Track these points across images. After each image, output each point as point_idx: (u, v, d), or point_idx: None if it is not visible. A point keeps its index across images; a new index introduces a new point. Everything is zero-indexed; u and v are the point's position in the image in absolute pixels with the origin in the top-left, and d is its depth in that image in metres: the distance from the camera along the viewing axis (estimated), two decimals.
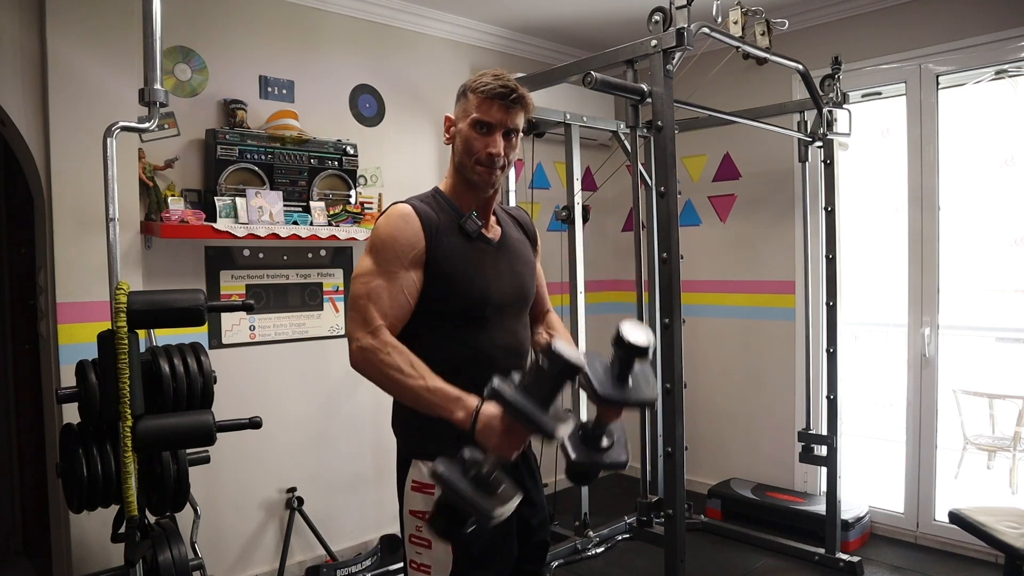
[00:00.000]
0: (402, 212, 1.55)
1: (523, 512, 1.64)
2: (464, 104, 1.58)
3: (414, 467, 1.57)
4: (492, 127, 1.54)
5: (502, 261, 1.64)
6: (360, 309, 1.48)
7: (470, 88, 1.56)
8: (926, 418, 3.49)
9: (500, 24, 3.98)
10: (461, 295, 1.55)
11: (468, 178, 1.58)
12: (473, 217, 1.59)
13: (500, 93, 1.53)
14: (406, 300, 1.51)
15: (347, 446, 3.45)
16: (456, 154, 1.60)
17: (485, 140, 1.54)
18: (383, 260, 1.50)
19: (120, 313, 1.92)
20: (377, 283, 1.49)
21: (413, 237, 1.51)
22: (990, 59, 3.25)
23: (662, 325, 2.36)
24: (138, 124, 2.11)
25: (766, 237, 4.06)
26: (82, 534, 2.65)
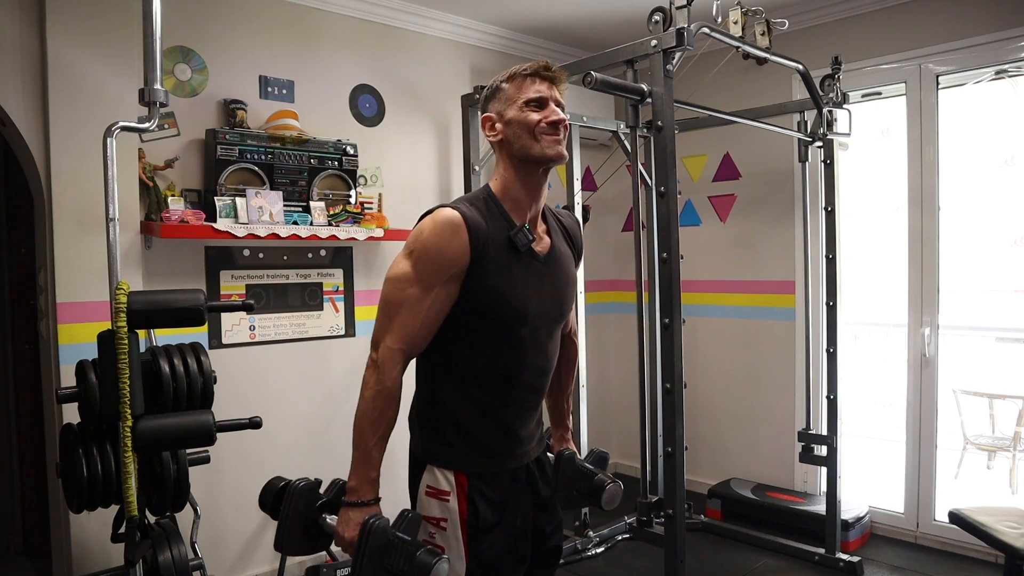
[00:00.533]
0: (452, 222, 1.45)
1: (539, 519, 1.65)
2: (502, 96, 1.55)
3: (428, 472, 1.56)
4: (544, 100, 1.52)
5: (546, 278, 1.58)
6: (390, 316, 1.46)
7: (504, 79, 1.55)
8: (926, 418, 3.49)
9: (500, 24, 3.98)
10: (497, 313, 1.50)
11: (535, 156, 1.51)
12: (525, 230, 1.52)
13: (542, 67, 1.54)
14: (435, 318, 1.47)
15: (347, 446, 3.42)
16: (512, 143, 1.53)
17: (543, 112, 1.51)
18: (423, 270, 1.44)
19: (120, 313, 1.92)
20: (412, 292, 1.44)
21: (459, 251, 1.44)
22: (990, 59, 3.25)
23: (662, 325, 2.36)
24: (138, 124, 2.10)
25: (766, 237, 4.06)
26: (82, 534, 2.65)
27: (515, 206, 1.55)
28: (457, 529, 1.51)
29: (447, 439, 1.54)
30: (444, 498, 1.52)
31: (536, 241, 1.57)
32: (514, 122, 1.52)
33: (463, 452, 1.53)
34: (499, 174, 1.58)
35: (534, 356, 1.57)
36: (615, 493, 1.70)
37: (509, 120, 1.53)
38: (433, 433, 1.57)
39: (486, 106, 1.59)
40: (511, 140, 1.53)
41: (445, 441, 1.54)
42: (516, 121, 1.52)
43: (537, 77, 1.53)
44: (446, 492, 1.52)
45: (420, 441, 1.60)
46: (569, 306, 1.68)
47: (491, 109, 1.57)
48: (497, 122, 1.55)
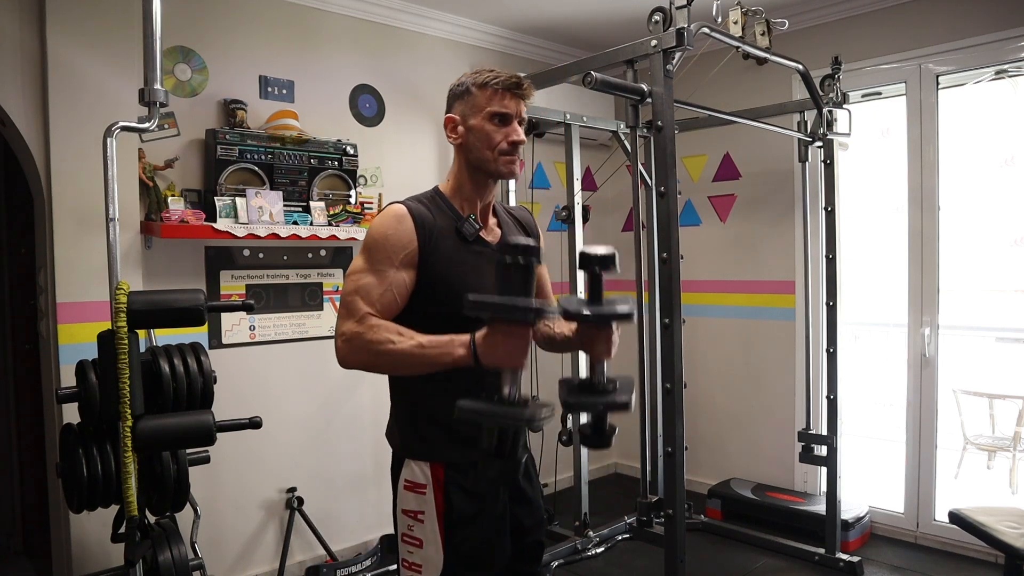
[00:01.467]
0: (396, 212, 1.53)
1: (516, 511, 1.65)
2: (470, 100, 1.56)
3: (406, 467, 1.59)
4: (509, 117, 1.54)
5: None
6: (347, 304, 1.48)
7: (475, 84, 1.56)
8: (926, 418, 3.49)
9: (500, 24, 3.98)
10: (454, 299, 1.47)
11: (490, 171, 1.57)
12: (471, 220, 1.58)
13: (513, 84, 1.55)
14: (394, 298, 1.49)
15: (347, 446, 3.45)
16: (471, 151, 1.57)
17: (505, 130, 1.54)
18: (374, 259, 1.49)
19: (120, 313, 1.92)
20: (367, 280, 1.48)
21: (405, 237, 1.50)
22: (990, 59, 3.25)
23: (662, 325, 2.36)
24: (138, 124, 2.10)
25: (766, 237, 4.06)
26: (82, 534, 2.65)
27: (463, 202, 1.61)
28: (434, 522, 1.53)
29: (421, 431, 1.57)
30: (420, 491, 1.55)
31: (486, 230, 1.62)
32: (476, 132, 1.55)
33: (437, 442, 1.55)
34: (452, 174, 1.63)
35: None
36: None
37: (471, 127, 1.56)
38: (408, 426, 1.60)
39: (452, 104, 1.61)
40: (469, 147, 1.57)
41: (419, 433, 1.57)
42: (478, 132, 1.55)
43: (509, 93, 1.54)
44: (422, 485, 1.55)
45: (397, 436, 1.63)
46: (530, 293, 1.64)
47: (455, 110, 1.59)
48: (460, 125, 1.58)
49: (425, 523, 1.54)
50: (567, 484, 3.99)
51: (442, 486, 1.54)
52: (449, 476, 1.54)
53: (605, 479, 4.75)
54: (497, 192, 1.70)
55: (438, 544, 1.53)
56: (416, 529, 1.55)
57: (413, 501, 1.56)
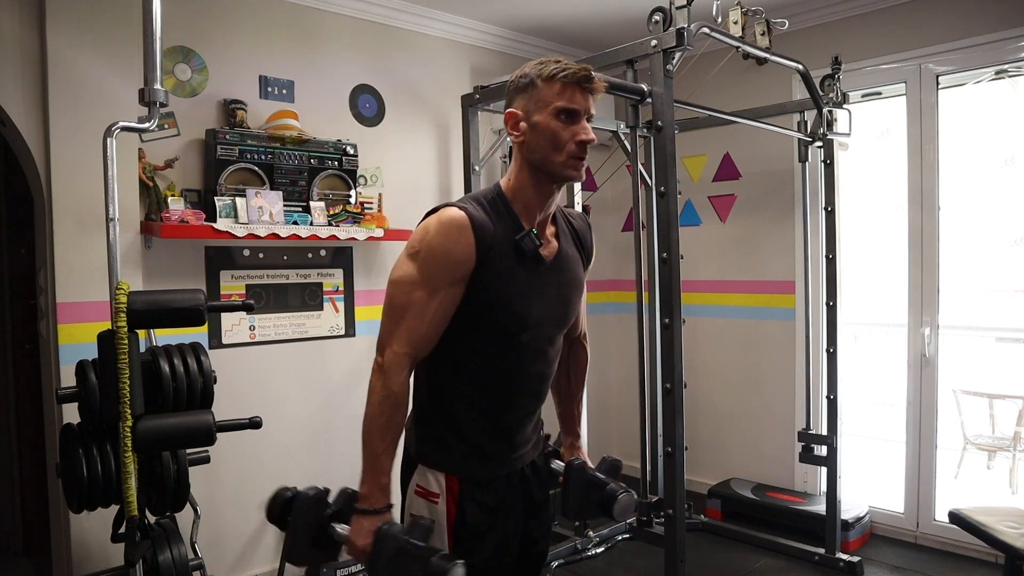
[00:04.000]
0: (458, 222, 1.39)
1: (529, 525, 1.63)
2: (534, 94, 1.42)
3: (419, 472, 1.54)
4: (577, 114, 1.41)
5: (551, 284, 1.53)
6: (396, 320, 1.41)
7: (541, 77, 1.41)
8: (926, 418, 3.49)
9: (500, 24, 3.98)
10: (499, 318, 1.46)
11: (554, 173, 1.44)
12: (532, 235, 1.46)
13: (583, 76, 1.41)
14: (441, 322, 1.43)
15: (347, 446, 3.45)
16: (535, 150, 1.43)
17: (573, 129, 1.41)
18: (428, 273, 1.39)
19: (120, 313, 1.92)
20: (419, 295, 1.39)
21: (465, 253, 1.39)
22: (990, 59, 3.25)
23: (662, 325, 2.36)
24: (138, 124, 2.10)
25: (766, 237, 4.06)
26: (82, 534, 2.65)
27: (525, 208, 1.49)
28: (443, 532, 1.50)
29: (444, 442, 1.53)
30: (433, 499, 1.51)
31: (544, 245, 1.51)
32: (540, 129, 1.42)
33: (459, 456, 1.52)
34: (513, 174, 1.50)
35: (534, 361, 1.54)
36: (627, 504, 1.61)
37: (535, 124, 1.42)
38: (429, 435, 1.55)
39: (513, 98, 1.46)
40: (532, 147, 1.44)
41: (441, 444, 1.53)
42: (543, 129, 1.42)
43: (578, 87, 1.41)
44: (435, 494, 1.51)
45: (415, 441, 1.58)
46: (574, 312, 1.63)
47: (517, 105, 1.45)
48: (522, 121, 1.44)
49: (434, 532, 1.50)
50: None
51: (456, 498, 1.50)
52: (465, 488, 1.51)
53: None
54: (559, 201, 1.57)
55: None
56: None
57: (424, 508, 1.52)
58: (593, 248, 1.71)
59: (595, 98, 1.46)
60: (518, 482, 1.59)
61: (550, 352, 1.58)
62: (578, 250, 1.64)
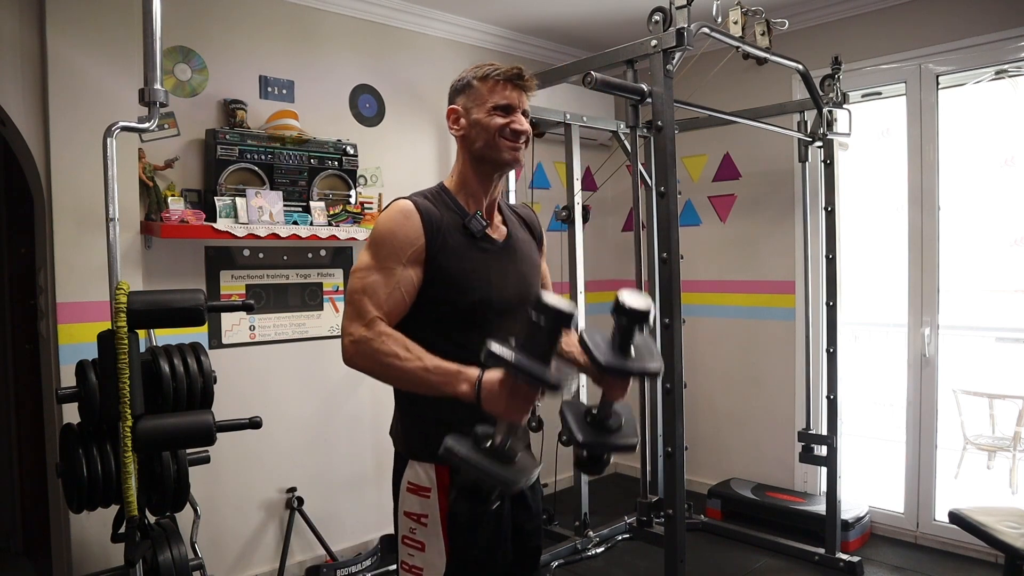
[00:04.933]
0: (403, 208, 1.52)
1: (517, 516, 1.64)
2: (472, 94, 1.57)
3: (410, 468, 1.56)
4: (512, 108, 1.55)
5: (507, 262, 1.61)
6: (355, 303, 1.46)
7: (477, 78, 1.56)
8: (926, 418, 3.49)
9: (500, 24, 3.98)
10: (462, 297, 1.52)
11: (494, 159, 1.56)
12: (478, 217, 1.57)
13: (515, 75, 1.55)
14: (402, 297, 1.48)
15: (347, 446, 3.45)
16: (474, 142, 1.56)
17: (507, 119, 1.54)
18: (381, 256, 1.48)
19: (120, 313, 1.92)
20: (374, 278, 1.46)
21: (413, 233, 1.49)
22: (990, 59, 3.25)
23: (662, 325, 2.36)
24: (138, 124, 2.10)
25: (766, 237, 4.06)
26: (82, 534, 2.65)
27: (468, 198, 1.60)
28: (438, 526, 1.51)
29: (425, 430, 1.53)
30: (424, 494, 1.53)
31: (492, 227, 1.62)
32: (479, 124, 1.55)
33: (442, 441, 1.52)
34: (456, 170, 1.63)
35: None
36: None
37: (474, 120, 1.56)
38: (413, 426, 1.58)
39: (454, 98, 1.61)
40: (472, 139, 1.57)
41: (424, 434, 1.54)
42: (481, 123, 1.55)
43: (509, 84, 1.55)
44: (427, 489, 1.53)
45: (402, 436, 1.61)
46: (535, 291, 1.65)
47: (458, 102, 1.59)
48: (462, 117, 1.58)
49: (428, 527, 1.52)
50: (567, 484, 3.99)
51: (447, 490, 1.51)
52: (455, 480, 1.50)
53: (605, 479, 4.75)
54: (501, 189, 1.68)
55: (441, 548, 1.51)
56: (419, 532, 1.53)
57: (416, 504, 1.54)
58: (543, 233, 1.80)
59: (528, 95, 1.59)
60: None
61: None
62: (529, 234, 1.74)
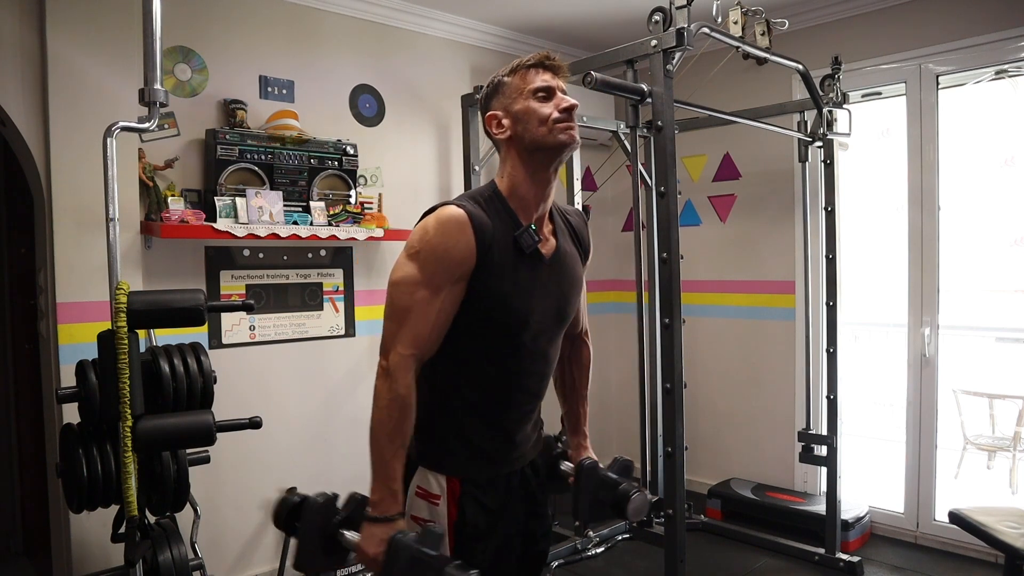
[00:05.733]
0: (457, 220, 1.39)
1: (531, 524, 1.63)
2: (506, 91, 1.48)
3: (420, 473, 1.53)
4: (551, 89, 1.46)
5: (551, 281, 1.53)
6: (400, 322, 1.40)
7: (506, 74, 1.49)
8: (926, 418, 3.49)
9: (500, 24, 3.98)
10: (500, 317, 1.46)
11: (551, 144, 1.45)
12: (531, 231, 1.47)
13: (543, 59, 1.48)
14: (445, 321, 1.42)
15: (347, 446, 3.45)
16: (523, 136, 1.46)
17: (553, 101, 1.46)
18: (430, 272, 1.38)
19: (120, 313, 1.92)
20: (421, 295, 1.38)
21: (465, 251, 1.39)
22: (990, 59, 3.25)
23: (662, 325, 2.36)
24: (138, 124, 2.10)
25: (766, 237, 4.06)
26: (82, 534, 2.65)
27: (522, 205, 1.48)
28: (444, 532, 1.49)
29: (444, 443, 1.52)
30: (434, 501, 1.50)
31: (542, 242, 1.51)
32: (523, 114, 1.45)
33: (459, 457, 1.51)
34: (506, 173, 1.50)
35: (534, 361, 1.53)
36: (642, 503, 1.58)
37: (517, 113, 1.46)
38: (429, 436, 1.53)
39: (488, 104, 1.52)
40: (521, 134, 1.46)
41: (442, 445, 1.52)
42: (526, 112, 1.45)
43: (541, 67, 1.47)
44: (436, 496, 1.50)
45: (415, 442, 1.56)
46: (573, 309, 1.63)
47: (495, 106, 1.50)
48: (504, 118, 1.48)
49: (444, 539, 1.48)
50: None
51: (456, 499, 1.49)
52: (466, 489, 1.50)
53: None
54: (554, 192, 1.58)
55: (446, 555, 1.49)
56: None
57: (425, 509, 1.51)
58: (590, 245, 1.72)
59: (561, 77, 1.50)
60: (519, 482, 1.59)
61: (550, 352, 1.58)
62: (576, 247, 1.65)
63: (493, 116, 1.49)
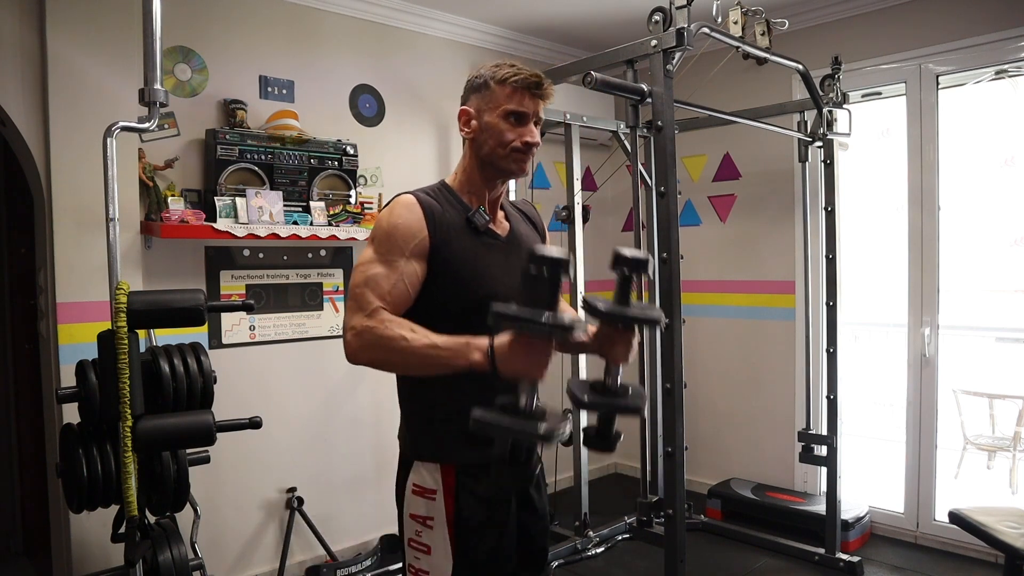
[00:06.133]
0: (405, 201, 1.50)
1: (523, 519, 1.63)
2: (487, 95, 1.52)
3: (415, 470, 1.55)
4: (526, 117, 1.51)
5: (511, 257, 1.58)
6: (356, 297, 1.43)
7: (495, 79, 1.51)
8: (926, 418, 3.49)
9: (500, 24, 3.98)
10: (466, 292, 1.50)
11: (501, 167, 1.53)
12: (481, 211, 1.55)
13: (533, 83, 1.50)
14: (406, 289, 1.45)
15: (347, 446, 3.45)
16: (483, 146, 1.53)
17: (519, 130, 1.51)
18: (383, 249, 1.46)
19: (120, 313, 1.92)
20: (376, 270, 1.44)
21: (415, 226, 1.46)
22: (990, 59, 3.25)
23: None
24: (138, 124, 2.10)
25: (766, 237, 4.06)
26: (82, 534, 2.65)
27: (471, 195, 1.58)
28: (444, 528, 1.50)
29: (433, 431, 1.54)
30: (430, 496, 1.51)
31: (496, 224, 1.60)
32: (490, 129, 1.52)
33: (451, 443, 1.51)
34: (461, 167, 1.60)
35: None
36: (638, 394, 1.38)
37: (486, 124, 1.52)
38: (419, 426, 1.56)
39: (468, 96, 1.56)
40: (481, 143, 1.54)
41: (433, 433, 1.54)
42: (492, 129, 1.51)
43: (527, 92, 1.51)
44: (432, 491, 1.51)
45: (408, 437, 1.59)
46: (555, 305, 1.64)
47: (471, 103, 1.55)
48: (473, 119, 1.54)
49: (435, 529, 1.50)
50: (567, 484, 3.99)
51: (452, 492, 1.50)
52: (461, 481, 1.51)
53: (605, 479, 4.76)
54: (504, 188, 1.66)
55: (448, 551, 1.49)
56: (424, 535, 1.52)
57: (422, 506, 1.52)
58: (545, 228, 1.79)
59: (545, 103, 1.55)
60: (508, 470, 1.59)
61: None
62: (532, 228, 1.73)
63: (465, 112, 1.56)
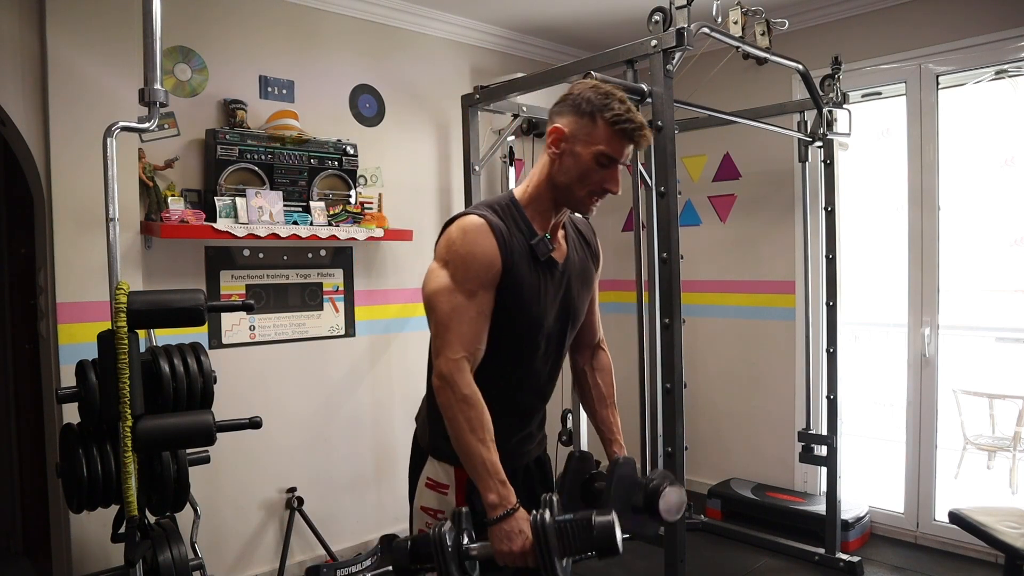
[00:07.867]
0: (479, 227, 1.46)
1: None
2: (588, 126, 1.47)
3: (430, 464, 1.58)
4: (615, 162, 1.48)
5: (563, 286, 1.59)
6: (444, 327, 1.43)
7: (601, 114, 1.46)
8: (926, 418, 3.49)
9: (500, 24, 3.98)
10: (520, 321, 1.51)
11: (572, 203, 1.53)
12: (545, 240, 1.53)
13: (640, 135, 1.47)
14: (484, 325, 1.46)
15: (347, 446, 3.45)
16: (564, 174, 1.50)
17: (603, 174, 1.48)
18: (462, 278, 1.44)
19: (120, 313, 1.92)
20: (459, 301, 1.43)
21: (492, 256, 1.45)
22: (990, 59, 3.25)
23: (662, 325, 2.36)
24: (138, 124, 2.10)
25: (766, 237, 4.05)
26: (82, 534, 2.65)
27: (537, 215, 1.54)
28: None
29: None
30: (443, 491, 1.55)
31: (555, 250, 1.57)
32: (578, 162, 1.48)
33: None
34: (532, 182, 1.55)
35: (544, 363, 1.60)
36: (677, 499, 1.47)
37: (576, 155, 1.48)
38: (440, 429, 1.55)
39: (565, 112, 1.50)
40: (563, 170, 1.50)
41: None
42: (580, 163, 1.48)
43: (630, 142, 1.47)
44: (445, 486, 1.55)
45: (427, 434, 1.62)
46: (583, 312, 1.67)
47: (567, 124, 1.49)
48: (564, 142, 1.49)
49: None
50: None
51: (464, 489, 1.53)
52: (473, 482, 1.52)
53: None
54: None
55: None
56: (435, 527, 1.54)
57: (434, 500, 1.56)
58: (600, 251, 1.76)
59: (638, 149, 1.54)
60: (522, 477, 1.64)
61: (561, 353, 1.65)
62: (586, 253, 1.70)
63: (559, 131, 1.50)
